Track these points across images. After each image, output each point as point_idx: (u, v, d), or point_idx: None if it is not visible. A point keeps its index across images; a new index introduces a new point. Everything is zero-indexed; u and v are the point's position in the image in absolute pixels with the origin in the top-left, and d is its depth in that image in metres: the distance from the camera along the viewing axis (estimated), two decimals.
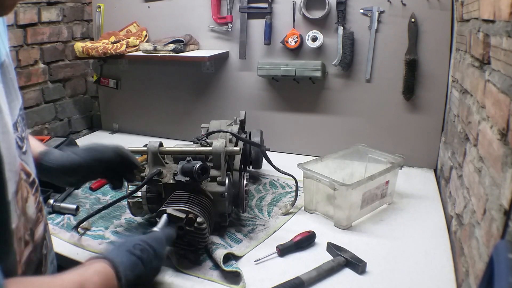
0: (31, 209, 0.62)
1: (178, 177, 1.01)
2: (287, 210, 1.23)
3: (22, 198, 0.59)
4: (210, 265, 0.98)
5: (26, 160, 0.62)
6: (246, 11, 1.63)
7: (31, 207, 0.62)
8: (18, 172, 0.57)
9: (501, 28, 0.69)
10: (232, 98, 1.78)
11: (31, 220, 0.62)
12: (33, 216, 0.63)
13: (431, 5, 1.39)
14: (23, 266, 0.59)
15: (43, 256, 0.68)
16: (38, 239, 0.65)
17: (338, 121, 1.63)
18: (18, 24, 1.68)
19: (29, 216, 0.61)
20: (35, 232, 0.64)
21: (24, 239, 0.60)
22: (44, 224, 0.68)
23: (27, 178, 0.62)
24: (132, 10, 1.86)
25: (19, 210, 0.57)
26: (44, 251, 0.68)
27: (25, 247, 0.60)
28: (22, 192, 0.60)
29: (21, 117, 0.64)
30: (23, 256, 0.59)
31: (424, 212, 1.22)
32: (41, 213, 0.67)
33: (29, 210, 0.61)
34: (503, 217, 0.60)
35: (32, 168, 0.65)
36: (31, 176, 0.64)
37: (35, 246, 0.64)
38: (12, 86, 0.61)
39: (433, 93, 1.46)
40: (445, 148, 1.35)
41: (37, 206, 0.65)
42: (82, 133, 2.15)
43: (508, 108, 0.62)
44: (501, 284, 0.45)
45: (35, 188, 0.65)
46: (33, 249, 0.63)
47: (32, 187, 0.63)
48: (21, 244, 0.58)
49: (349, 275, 0.94)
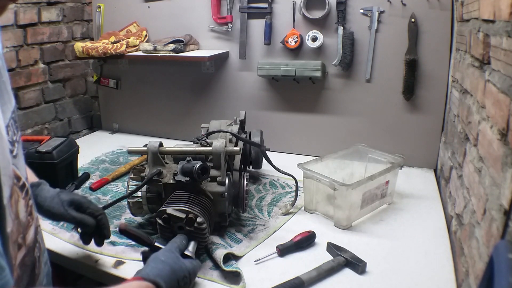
0: (22, 213, 0.63)
1: (178, 177, 1.01)
2: (287, 210, 1.23)
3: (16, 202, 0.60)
4: (210, 265, 0.98)
5: (16, 164, 0.62)
6: (246, 11, 1.63)
7: (22, 211, 0.63)
8: (11, 176, 0.57)
9: (501, 28, 0.69)
10: (232, 98, 1.78)
11: (22, 223, 0.62)
12: (24, 220, 0.63)
13: (431, 5, 1.39)
14: (18, 269, 0.59)
15: (36, 259, 0.68)
16: (30, 242, 0.65)
17: (338, 121, 1.63)
18: (18, 24, 1.68)
19: (20, 219, 0.62)
20: (26, 235, 0.64)
21: (18, 242, 0.60)
22: (34, 227, 0.69)
23: (17, 182, 0.62)
24: (132, 10, 1.86)
25: (13, 214, 0.57)
26: (37, 253, 0.69)
27: (19, 251, 0.60)
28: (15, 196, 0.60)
29: (13, 120, 0.64)
30: (17, 260, 0.60)
31: (424, 212, 1.22)
32: (31, 216, 0.68)
33: (20, 214, 0.62)
34: (503, 217, 0.60)
35: (23, 172, 0.66)
36: (21, 180, 0.64)
37: (28, 249, 0.64)
38: (4, 88, 0.61)
39: (433, 93, 1.46)
40: (445, 148, 1.35)
41: (26, 209, 0.65)
42: (82, 133, 2.15)
43: (508, 108, 0.62)
44: (501, 284, 0.45)
45: (25, 191, 0.65)
46: (26, 252, 0.63)
47: (22, 190, 0.64)
48: (15, 247, 0.58)
49: (349, 275, 0.94)
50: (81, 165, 1.55)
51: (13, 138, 0.62)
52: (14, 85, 1.71)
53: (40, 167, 1.22)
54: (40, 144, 1.35)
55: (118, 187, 1.42)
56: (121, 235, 0.97)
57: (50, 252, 1.00)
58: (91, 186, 1.39)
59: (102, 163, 1.63)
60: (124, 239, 1.04)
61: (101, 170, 1.55)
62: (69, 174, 1.41)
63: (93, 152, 1.74)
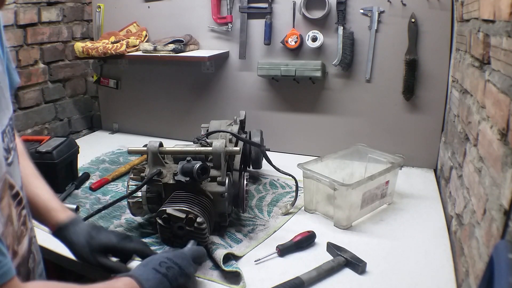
0: (15, 221, 0.61)
1: (178, 177, 1.01)
2: (287, 210, 1.23)
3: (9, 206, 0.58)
4: (210, 265, 0.98)
5: (11, 172, 0.61)
6: (246, 11, 1.63)
7: (15, 220, 0.61)
8: (2, 179, 0.56)
9: (501, 28, 0.69)
10: (232, 98, 1.78)
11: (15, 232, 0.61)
12: (16, 229, 0.62)
13: (431, 5, 1.39)
14: None
15: (30, 270, 0.67)
16: (24, 253, 0.64)
17: (338, 121, 1.63)
18: (18, 24, 1.68)
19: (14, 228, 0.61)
20: (20, 245, 0.63)
21: (13, 249, 0.59)
22: (29, 238, 0.67)
23: (10, 190, 0.60)
24: (132, 10, 1.86)
25: (4, 218, 0.56)
26: (31, 264, 0.68)
27: (13, 259, 0.59)
28: (9, 201, 0.58)
29: (10, 127, 0.62)
30: None
31: (424, 212, 1.22)
32: (25, 226, 0.66)
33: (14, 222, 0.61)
34: (503, 217, 0.60)
35: (18, 181, 0.64)
36: (14, 188, 0.62)
37: (22, 259, 0.63)
38: (2, 95, 0.60)
39: (433, 93, 1.46)
40: (445, 148, 1.35)
41: (19, 219, 0.63)
42: (82, 133, 2.15)
43: (508, 108, 0.62)
44: (501, 284, 0.45)
45: (18, 201, 0.63)
46: (21, 262, 0.63)
47: (14, 199, 0.62)
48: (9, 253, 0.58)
49: (349, 275, 0.94)
50: (81, 165, 1.55)
51: (9, 146, 0.61)
52: None
53: (40, 167, 1.21)
54: (40, 144, 1.36)
55: (118, 187, 1.42)
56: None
57: (50, 253, 1.01)
58: (91, 186, 1.39)
59: (102, 163, 1.63)
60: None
61: (101, 170, 1.55)
62: (69, 174, 1.41)
63: (93, 152, 1.74)
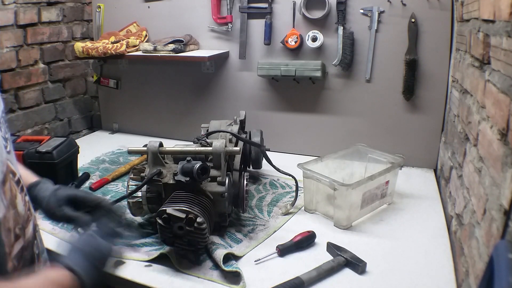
0: (20, 206, 0.63)
1: (178, 177, 1.01)
2: (287, 210, 1.23)
3: (11, 191, 0.60)
4: (210, 265, 0.98)
5: (10, 159, 0.63)
6: (246, 11, 1.63)
7: (20, 204, 0.64)
8: (4, 162, 0.58)
9: (501, 28, 0.69)
10: (232, 98, 1.78)
11: (21, 216, 0.63)
12: (23, 213, 0.64)
13: (431, 5, 1.39)
14: (14, 260, 0.60)
15: (35, 255, 0.68)
16: (29, 237, 0.66)
17: (338, 121, 1.63)
18: (18, 24, 1.68)
19: (19, 212, 0.62)
20: (26, 229, 0.65)
21: (15, 232, 0.60)
22: (33, 224, 0.69)
23: (13, 176, 0.63)
24: (132, 10, 1.86)
25: (6, 201, 0.58)
26: (36, 250, 0.69)
27: (16, 241, 0.61)
28: (11, 186, 0.60)
29: (3, 119, 0.65)
30: (14, 250, 0.60)
31: (424, 212, 1.22)
32: (30, 212, 0.68)
33: (19, 207, 0.63)
34: (503, 217, 0.60)
35: (16, 168, 0.67)
36: (16, 175, 0.65)
37: (27, 243, 0.65)
38: None
39: (433, 93, 1.46)
40: (445, 148, 1.35)
41: (24, 204, 0.66)
42: (82, 133, 2.15)
43: (508, 108, 0.62)
44: (501, 284, 0.45)
45: (20, 187, 0.66)
46: (25, 245, 0.64)
47: (18, 185, 0.65)
48: (10, 235, 0.59)
49: (349, 275, 0.94)
50: (81, 165, 1.55)
51: (5, 136, 0.64)
52: (14, 85, 1.71)
53: (40, 167, 1.22)
54: (40, 144, 1.36)
55: (118, 187, 1.42)
56: None
57: (50, 252, 1.01)
58: (91, 186, 1.40)
59: (102, 163, 1.63)
60: (124, 239, 1.04)
61: (101, 170, 1.55)
62: (69, 174, 1.41)
63: (93, 152, 1.74)
